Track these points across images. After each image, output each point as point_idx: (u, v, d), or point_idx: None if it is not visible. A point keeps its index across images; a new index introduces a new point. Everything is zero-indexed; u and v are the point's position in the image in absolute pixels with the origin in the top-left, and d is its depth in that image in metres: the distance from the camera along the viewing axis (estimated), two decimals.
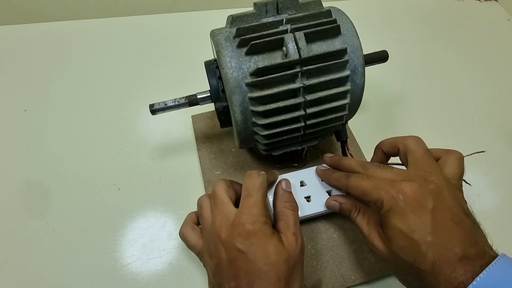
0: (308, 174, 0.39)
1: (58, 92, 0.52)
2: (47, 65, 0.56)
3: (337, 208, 0.35)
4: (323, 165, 0.37)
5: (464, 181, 0.39)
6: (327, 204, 0.36)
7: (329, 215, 0.39)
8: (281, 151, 0.38)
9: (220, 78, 0.34)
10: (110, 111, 0.50)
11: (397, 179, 0.29)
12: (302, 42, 0.31)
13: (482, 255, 0.25)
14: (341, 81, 0.33)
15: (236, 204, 0.31)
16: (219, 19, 0.40)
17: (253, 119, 0.33)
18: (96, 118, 0.49)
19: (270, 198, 0.38)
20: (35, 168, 0.44)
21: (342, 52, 0.32)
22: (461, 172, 0.31)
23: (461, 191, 0.30)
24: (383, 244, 0.29)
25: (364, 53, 0.35)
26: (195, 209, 0.41)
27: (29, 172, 0.44)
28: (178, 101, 0.37)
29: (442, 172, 0.30)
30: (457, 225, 0.26)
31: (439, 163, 0.31)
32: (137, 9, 0.63)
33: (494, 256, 0.25)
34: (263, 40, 0.31)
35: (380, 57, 0.41)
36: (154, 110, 0.37)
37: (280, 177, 0.39)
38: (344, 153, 0.41)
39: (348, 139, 0.40)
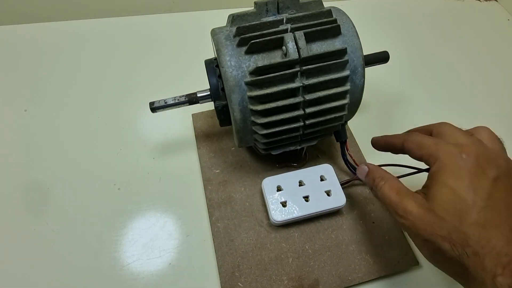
0: (307, 174, 0.39)
1: (58, 92, 0.52)
2: (47, 65, 0.56)
3: (364, 173, 0.33)
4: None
5: None
6: (358, 170, 0.34)
7: (327, 215, 0.39)
8: (280, 150, 0.38)
9: (220, 76, 0.34)
10: (110, 111, 0.50)
11: (465, 143, 0.27)
12: (302, 42, 0.31)
13: None
14: (340, 81, 0.33)
15: None
16: (219, 19, 0.40)
17: (252, 118, 0.33)
18: (96, 118, 0.49)
19: (269, 197, 0.38)
20: (35, 168, 0.44)
21: (342, 52, 0.32)
22: None
23: None
24: (419, 207, 0.26)
25: (365, 53, 0.35)
26: (195, 208, 0.41)
27: (29, 172, 0.44)
28: (178, 99, 0.38)
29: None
30: None
31: None
32: (137, 9, 0.63)
33: None
34: (263, 39, 0.31)
35: (381, 57, 0.41)
36: (154, 108, 0.38)
37: (280, 176, 0.39)
38: (344, 154, 0.41)
39: (347, 140, 0.40)
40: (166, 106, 0.38)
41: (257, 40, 0.31)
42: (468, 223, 0.24)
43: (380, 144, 0.35)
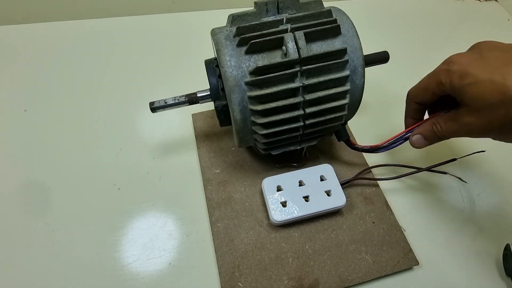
0: (307, 174, 0.39)
1: (58, 92, 0.52)
2: (47, 65, 0.56)
3: (422, 140, 0.35)
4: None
5: (460, 179, 0.41)
6: (412, 142, 0.36)
7: (327, 215, 0.39)
8: (280, 150, 0.38)
9: (220, 76, 0.34)
10: (110, 111, 0.50)
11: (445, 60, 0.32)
12: (301, 42, 0.31)
13: None
14: (340, 81, 0.33)
15: None
16: (219, 19, 0.40)
17: (252, 118, 0.33)
18: (96, 118, 0.49)
19: (269, 197, 0.38)
20: (35, 168, 0.44)
21: (342, 52, 0.32)
22: None
23: None
24: (473, 114, 0.29)
25: (365, 53, 0.35)
26: (195, 208, 0.41)
27: (29, 172, 0.44)
28: (178, 99, 0.38)
29: None
30: None
31: None
32: (137, 9, 0.64)
33: None
34: (263, 39, 0.31)
35: (381, 57, 0.41)
36: (154, 108, 0.38)
37: (280, 176, 0.39)
38: (354, 148, 0.40)
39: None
40: (166, 106, 0.38)
41: (257, 40, 0.31)
42: (506, 90, 0.27)
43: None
